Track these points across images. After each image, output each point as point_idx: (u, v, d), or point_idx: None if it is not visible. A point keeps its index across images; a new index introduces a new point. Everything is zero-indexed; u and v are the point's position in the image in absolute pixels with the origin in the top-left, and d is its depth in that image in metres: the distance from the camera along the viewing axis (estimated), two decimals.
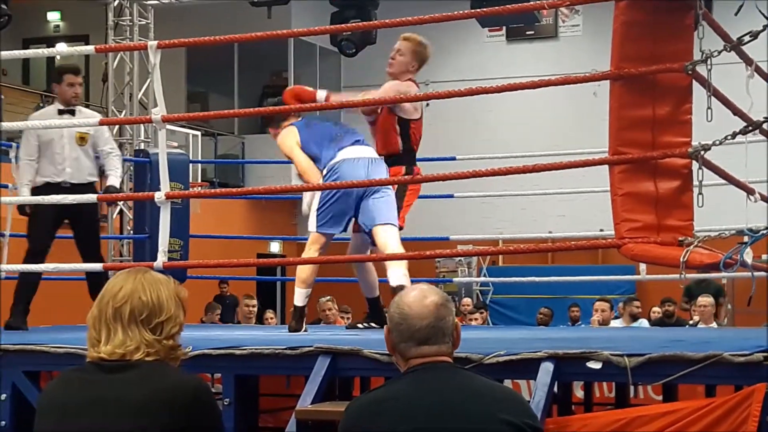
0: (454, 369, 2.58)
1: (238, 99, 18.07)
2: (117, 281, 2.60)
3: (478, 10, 4.97)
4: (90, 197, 5.65)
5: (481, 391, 2.50)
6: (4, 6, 10.54)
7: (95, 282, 5.92)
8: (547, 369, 3.63)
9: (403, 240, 8.62)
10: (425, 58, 5.77)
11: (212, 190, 12.56)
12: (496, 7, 5.04)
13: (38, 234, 6.26)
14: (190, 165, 10.63)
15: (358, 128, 6.06)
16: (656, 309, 10.96)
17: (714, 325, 9.20)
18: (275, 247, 17.46)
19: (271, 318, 11.98)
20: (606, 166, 4.01)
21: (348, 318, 11.24)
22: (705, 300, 9.23)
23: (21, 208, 6.41)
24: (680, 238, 3.76)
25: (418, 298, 2.58)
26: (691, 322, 9.82)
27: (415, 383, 2.52)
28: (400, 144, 5.74)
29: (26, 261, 6.20)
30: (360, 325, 6.01)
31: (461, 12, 4.92)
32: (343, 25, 9.45)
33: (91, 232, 6.48)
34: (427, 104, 5.40)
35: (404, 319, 2.57)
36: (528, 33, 16.95)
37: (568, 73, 13.47)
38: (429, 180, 5.22)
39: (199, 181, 14.71)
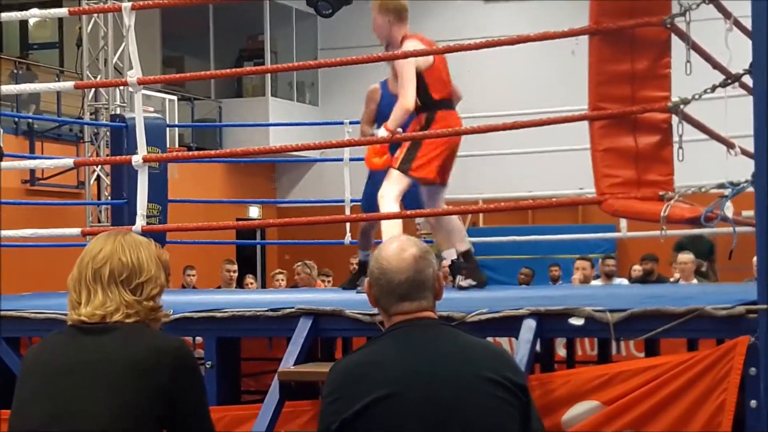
0: (437, 326, 2.57)
1: (214, 63, 17.94)
2: (97, 243, 2.59)
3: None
4: (67, 161, 5.58)
5: (464, 349, 2.49)
6: None
7: None
8: (529, 326, 3.64)
9: None
10: (396, 6, 5.63)
11: (190, 153, 12.51)
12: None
13: None
14: (167, 130, 10.54)
15: None
16: (636, 267, 11.01)
17: (695, 281, 9.24)
18: (254, 211, 17.42)
19: (251, 283, 11.97)
20: (586, 124, 3.99)
21: (329, 281, 11.25)
22: (685, 257, 9.27)
23: None
24: (661, 193, 3.75)
25: (396, 251, 2.56)
26: (672, 279, 9.86)
27: (397, 343, 2.51)
28: (417, 99, 5.54)
29: None
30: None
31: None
32: None
33: None
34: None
35: (383, 274, 2.56)
36: None
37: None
38: (407, 139, 5.20)
39: (177, 146, 14.63)
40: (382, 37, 5.66)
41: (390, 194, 5.40)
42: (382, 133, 5.46)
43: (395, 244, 2.59)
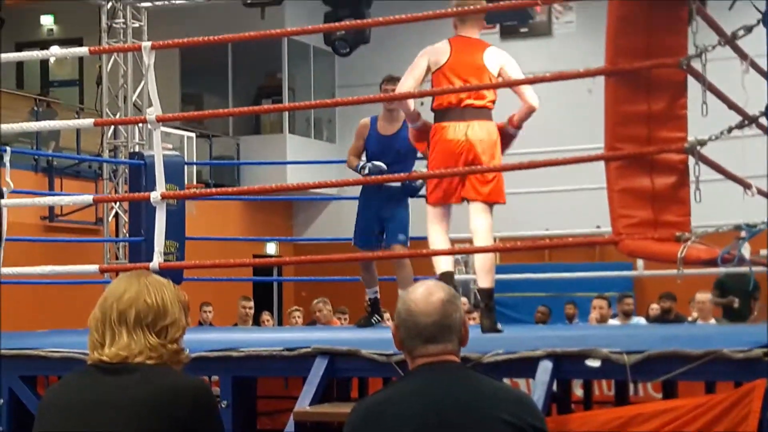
0: (460, 369, 2.57)
1: (232, 100, 18.05)
2: (120, 284, 2.58)
3: (471, 8, 4.94)
4: (86, 198, 5.62)
5: (486, 393, 2.49)
6: None
7: None
8: (545, 367, 3.62)
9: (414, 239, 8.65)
10: (459, 5, 5.38)
11: (207, 190, 12.55)
12: (489, 5, 5.02)
13: None
14: (186, 167, 10.60)
15: None
16: (654, 306, 10.95)
17: (713, 321, 9.18)
18: (272, 248, 17.43)
19: (268, 320, 11.97)
20: (602, 162, 3.99)
21: (345, 319, 11.23)
22: (703, 296, 9.22)
23: None
24: (677, 234, 3.75)
25: (425, 294, 2.57)
26: (690, 318, 9.81)
27: (420, 384, 2.51)
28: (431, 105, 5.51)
29: None
30: None
31: (454, 9, 4.91)
32: (336, 24, 9.41)
33: None
34: (422, 103, 5.30)
35: (410, 316, 2.56)
36: (522, 30, 16.93)
37: (563, 70, 13.44)
38: (423, 177, 5.21)
39: (195, 183, 14.69)
40: None
41: (429, 227, 5.45)
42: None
43: (423, 288, 2.60)
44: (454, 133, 5.31)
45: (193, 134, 15.52)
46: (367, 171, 6.55)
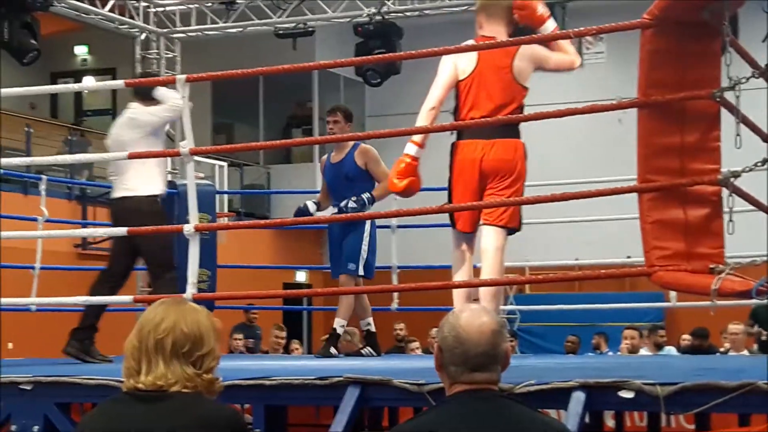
0: (497, 398, 2.56)
1: (263, 129, 18.17)
2: (157, 312, 2.59)
3: (503, 41, 4.96)
4: (120, 230, 5.69)
5: (522, 423, 2.49)
6: (33, 41, 10.68)
7: None
8: (578, 398, 3.61)
9: (430, 269, 8.62)
10: (482, 3, 5.09)
11: (241, 222, 12.61)
12: (521, 37, 5.04)
13: None
14: (217, 195, 10.67)
15: None
16: (686, 337, 10.88)
17: (745, 352, 9.11)
18: (301, 276, 17.47)
19: (297, 349, 11.98)
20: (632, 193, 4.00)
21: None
22: (736, 327, 9.16)
23: None
24: (711, 266, 3.74)
25: (475, 323, 2.54)
26: (722, 349, 9.73)
27: (463, 411, 2.50)
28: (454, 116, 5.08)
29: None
30: None
31: (486, 42, 4.92)
32: (367, 57, 9.51)
33: None
34: (452, 133, 5.19)
35: (460, 344, 2.53)
36: None
37: (593, 100, 13.44)
38: (456, 210, 5.21)
39: (226, 211, 14.76)
40: None
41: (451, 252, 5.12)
42: (408, 150, 4.99)
43: (471, 314, 2.56)
44: (473, 152, 4.95)
45: (224, 163, 15.63)
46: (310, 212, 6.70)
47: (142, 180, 5.99)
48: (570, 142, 16.49)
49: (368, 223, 6.70)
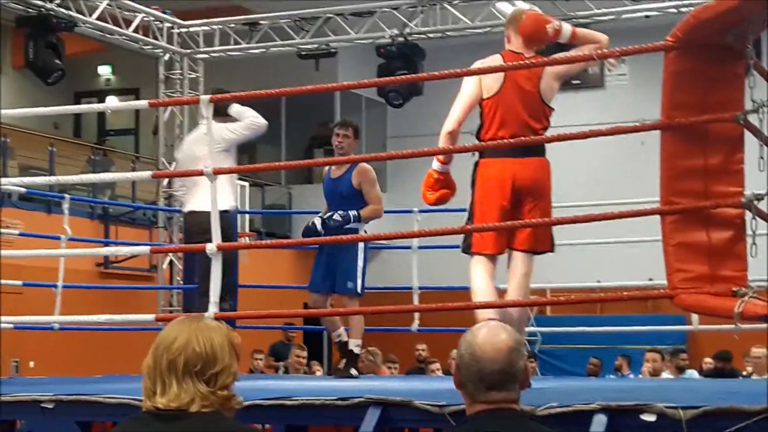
0: (519, 419, 2.55)
1: (285, 149, 18.22)
2: (171, 331, 2.60)
3: (525, 62, 4.97)
4: (143, 249, 5.71)
5: None
6: (57, 61, 10.78)
7: None
8: (600, 421, 3.59)
9: (451, 290, 8.60)
10: (513, 16, 5.03)
11: (263, 242, 12.64)
12: (544, 58, 5.04)
13: None
14: (239, 215, 10.71)
15: None
16: (708, 360, 10.81)
17: (767, 376, 9.04)
18: None
19: (318, 370, 11.99)
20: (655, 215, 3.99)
21: (396, 368, 11.22)
22: (758, 351, 9.09)
23: None
24: (734, 289, 3.72)
25: (492, 340, 2.53)
26: (744, 373, 9.66)
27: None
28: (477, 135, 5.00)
29: None
30: None
31: (507, 63, 4.93)
32: (389, 78, 9.53)
33: None
34: (473, 154, 5.17)
35: (476, 362, 2.53)
36: (574, 82, 16.96)
37: (616, 122, 13.44)
38: (478, 230, 5.20)
39: (247, 230, 14.82)
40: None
41: (471, 271, 4.96)
42: (435, 165, 5.01)
43: (489, 331, 2.56)
44: (501, 171, 4.86)
45: (246, 183, 15.69)
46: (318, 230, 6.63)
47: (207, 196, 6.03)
48: (593, 163, 16.46)
49: (362, 242, 6.70)
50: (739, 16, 3.79)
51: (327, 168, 7.05)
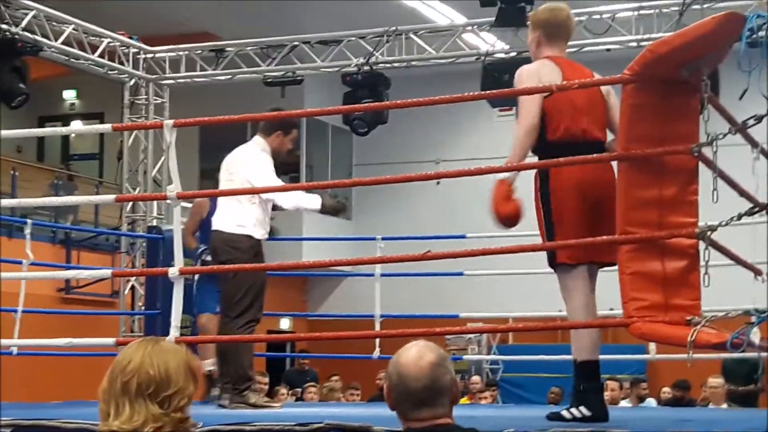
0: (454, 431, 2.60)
1: None
2: (126, 353, 2.61)
3: (488, 92, 5.04)
4: (104, 272, 5.70)
5: None
6: (21, 85, 10.74)
7: None
8: None
9: (412, 317, 8.63)
10: (548, 19, 4.68)
11: (225, 266, 12.56)
12: (505, 89, 5.13)
13: None
14: None
15: None
16: (666, 389, 10.90)
17: (724, 406, 9.14)
18: (285, 323, 17.45)
19: (283, 395, 11.95)
20: None
21: (358, 395, 11.21)
22: (715, 381, 9.19)
23: None
24: (688, 318, 3.79)
25: (414, 358, 2.59)
26: (701, 402, 9.76)
27: None
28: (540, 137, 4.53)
29: None
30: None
31: (471, 93, 5.02)
32: (355, 106, 9.58)
33: None
34: (438, 182, 5.22)
35: (401, 381, 2.58)
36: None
37: None
38: (439, 257, 5.25)
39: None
40: (532, 56, 4.78)
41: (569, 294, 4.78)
42: (505, 174, 4.48)
43: (414, 351, 2.61)
44: (591, 171, 4.42)
45: None
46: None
47: (234, 217, 6.30)
48: None
49: None
50: (694, 52, 3.89)
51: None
